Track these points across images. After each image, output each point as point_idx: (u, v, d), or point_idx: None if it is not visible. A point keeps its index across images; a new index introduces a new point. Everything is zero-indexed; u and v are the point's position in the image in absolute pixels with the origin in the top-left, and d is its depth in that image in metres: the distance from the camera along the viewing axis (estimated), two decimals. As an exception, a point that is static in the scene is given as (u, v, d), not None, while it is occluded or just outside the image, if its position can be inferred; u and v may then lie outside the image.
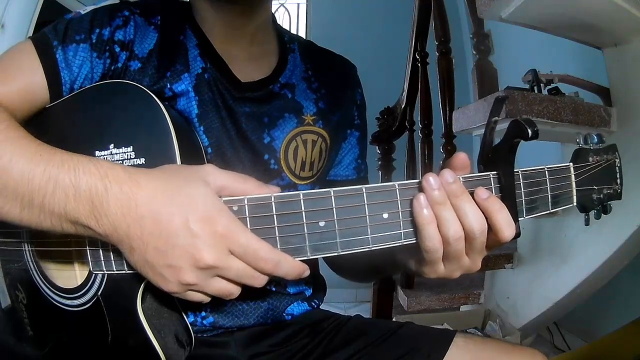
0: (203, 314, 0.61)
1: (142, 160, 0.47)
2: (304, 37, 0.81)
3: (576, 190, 0.49)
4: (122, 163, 0.47)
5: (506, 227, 0.43)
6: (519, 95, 1.26)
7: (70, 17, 0.56)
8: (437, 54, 1.79)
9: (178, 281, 0.40)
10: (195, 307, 0.61)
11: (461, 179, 0.43)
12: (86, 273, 0.51)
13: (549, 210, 0.47)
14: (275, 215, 0.41)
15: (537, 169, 0.47)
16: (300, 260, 0.43)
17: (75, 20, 0.56)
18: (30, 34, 1.59)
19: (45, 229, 0.43)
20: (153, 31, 0.59)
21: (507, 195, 0.44)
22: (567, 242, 1.48)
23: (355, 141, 0.75)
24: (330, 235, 0.42)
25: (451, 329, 0.67)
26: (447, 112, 1.71)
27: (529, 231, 1.67)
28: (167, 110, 0.48)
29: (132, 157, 0.47)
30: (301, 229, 0.42)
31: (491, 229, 0.43)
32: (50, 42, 0.54)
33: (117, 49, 0.56)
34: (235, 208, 0.42)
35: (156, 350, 0.48)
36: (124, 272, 0.46)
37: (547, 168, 0.47)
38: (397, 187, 0.43)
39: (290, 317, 0.68)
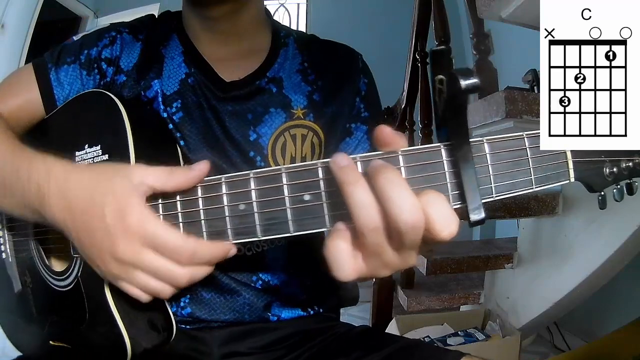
0: (182, 303, 0.62)
1: (106, 157, 0.52)
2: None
3: (573, 162, 0.37)
4: (94, 160, 0.53)
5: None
6: (519, 95, 1.26)
7: (65, 43, 0.66)
8: (437, 54, 1.79)
9: (108, 272, 0.43)
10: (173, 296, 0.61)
11: (401, 152, 0.36)
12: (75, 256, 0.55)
13: (532, 187, 0.37)
14: (200, 199, 0.42)
15: (512, 136, 0.37)
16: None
17: (68, 45, 0.65)
18: (31, 34, 1.60)
19: (19, 216, 0.49)
20: (139, 46, 0.65)
21: (464, 169, 0.35)
22: (567, 242, 1.48)
23: (363, 135, 0.69)
24: (250, 218, 0.40)
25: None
26: (447, 112, 1.71)
27: (529, 231, 1.67)
28: (127, 111, 0.52)
29: (99, 154, 0.53)
30: (222, 212, 0.41)
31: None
32: (46, 64, 0.63)
33: (104, 66, 0.64)
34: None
35: (119, 328, 0.49)
36: None
37: (526, 135, 0.37)
38: (319, 165, 0.38)
39: (275, 318, 0.65)
